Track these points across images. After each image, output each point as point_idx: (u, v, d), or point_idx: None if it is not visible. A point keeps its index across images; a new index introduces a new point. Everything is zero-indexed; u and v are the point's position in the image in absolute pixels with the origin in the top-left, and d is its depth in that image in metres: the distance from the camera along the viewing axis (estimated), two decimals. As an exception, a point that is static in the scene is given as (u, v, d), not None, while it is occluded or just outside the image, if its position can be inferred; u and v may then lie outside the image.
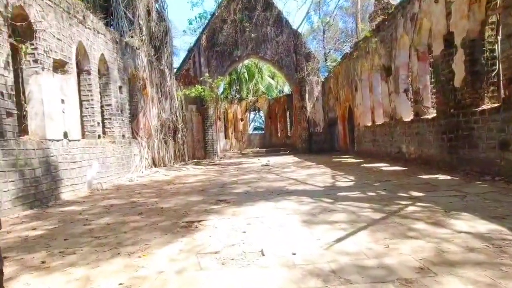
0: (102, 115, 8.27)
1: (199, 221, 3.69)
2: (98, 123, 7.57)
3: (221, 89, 26.87)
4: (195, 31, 19.85)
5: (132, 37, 11.09)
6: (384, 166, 8.13)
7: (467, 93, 5.72)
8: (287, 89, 30.94)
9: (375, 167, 8.08)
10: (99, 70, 8.25)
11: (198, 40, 17.67)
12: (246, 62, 26.30)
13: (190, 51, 17.81)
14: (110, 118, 8.43)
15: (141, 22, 11.70)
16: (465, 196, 4.08)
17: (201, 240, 3.00)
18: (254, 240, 2.88)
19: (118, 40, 9.12)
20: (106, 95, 8.38)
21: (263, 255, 2.51)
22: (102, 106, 8.34)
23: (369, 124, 11.15)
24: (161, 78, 13.09)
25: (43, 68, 5.50)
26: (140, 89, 10.64)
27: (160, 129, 12.49)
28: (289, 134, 23.01)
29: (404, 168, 7.37)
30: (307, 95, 17.71)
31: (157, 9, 13.96)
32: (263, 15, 17.77)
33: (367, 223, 3.17)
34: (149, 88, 11.38)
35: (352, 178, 6.46)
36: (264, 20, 17.77)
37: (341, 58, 13.91)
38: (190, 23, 19.58)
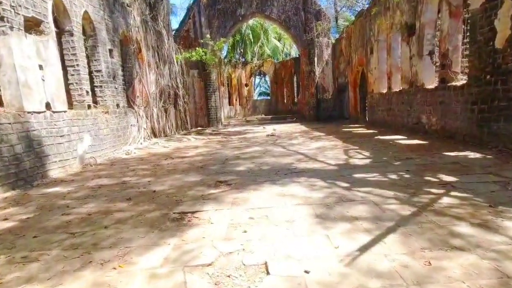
0: (92, 83, 7.55)
1: (192, 213, 3.15)
2: (87, 91, 6.87)
3: (224, 52, 25.48)
4: (194, -13, 18.12)
5: (122, -8, 9.93)
6: (401, 139, 7.43)
7: (510, 56, 4.83)
8: (294, 52, 29.31)
9: (391, 140, 7.39)
10: (84, 31, 7.38)
11: (198, -3, 16.15)
12: (250, 22, 24.63)
13: (189, 9, 16.40)
14: (101, 86, 7.71)
15: (132, -25, 10.43)
16: (509, 183, 3.44)
17: (193, 242, 2.47)
18: (256, 246, 2.33)
19: (104, -5, 8.07)
20: (95, 60, 7.58)
21: (268, 273, 1.96)
22: (91, 73, 7.59)
23: (385, 91, 10.24)
24: (158, 40, 12.06)
25: (11, 28, 4.71)
26: (134, 53, 9.74)
27: (159, 96, 11.75)
28: (295, 101, 22.06)
29: (424, 142, 6.66)
30: (316, 59, 16.51)
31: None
32: (269, -33, 16.00)
33: (396, 222, 2.58)
34: (144, 51, 10.45)
35: (367, 154, 5.81)
36: (270, -28, 16.04)
37: (355, 16, 12.57)
38: (189, -22, 17.82)
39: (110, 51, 8.16)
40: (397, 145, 6.56)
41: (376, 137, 8.12)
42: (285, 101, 22.83)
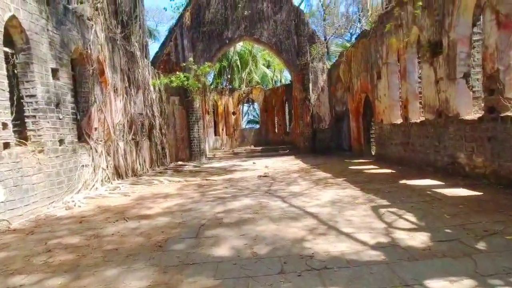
0: (21, 112, 5.53)
1: None
2: (5, 124, 4.82)
3: (210, 78, 24.04)
4: (178, 9, 16.89)
5: (81, 3, 8.23)
6: (438, 187, 5.59)
7: None
8: (284, 79, 28.26)
9: (426, 188, 5.54)
10: (13, 42, 5.47)
11: (181, 17, 14.78)
12: (238, 48, 23.53)
13: (171, 31, 14.95)
14: (35, 116, 5.67)
15: (97, -15, 8.81)
16: None
17: None
18: None
19: (49, 0, 6.28)
20: (27, 82, 5.60)
21: None
22: (20, 98, 5.59)
23: (399, 121, 8.60)
24: (129, 62, 10.28)
25: None
26: (93, 75, 7.84)
27: (129, 127, 9.75)
28: (288, 130, 20.42)
29: (478, 193, 4.83)
30: (310, 85, 15.08)
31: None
32: (259, -11, 14.92)
33: None
34: (109, 74, 8.58)
35: (412, 218, 3.88)
36: (259, -6, 14.94)
37: (356, 38, 11.26)
38: (172, -1, 16.60)
39: (54, 71, 6.23)
40: (442, 200, 4.68)
41: (400, 182, 6.27)
42: (276, 130, 21.17)
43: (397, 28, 8.02)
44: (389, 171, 7.85)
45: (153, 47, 28.37)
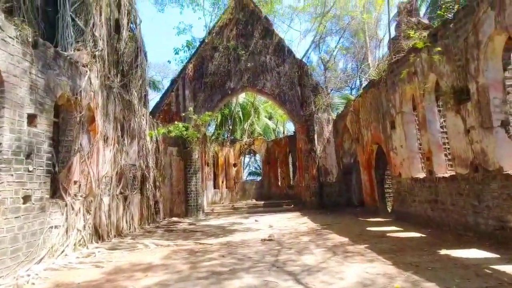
0: (-22, 163, 4.61)
1: None
2: None
3: (211, 129, 23.69)
4: (182, 62, 17.09)
5: (78, 50, 7.87)
6: (495, 261, 4.37)
7: None
8: (287, 131, 28.00)
9: (480, 263, 4.31)
10: (-16, 85, 4.79)
11: (184, 69, 14.75)
12: (241, 100, 23.61)
13: (173, 82, 14.80)
14: (-4, 168, 4.74)
15: (96, 34, 8.59)
16: None
17: None
18: None
19: (37, 43, 5.79)
20: (-7, 128, 4.78)
21: None
22: (-19, 147, 4.71)
23: (421, 175, 7.60)
24: (125, 111, 9.69)
25: None
26: (80, 123, 7.10)
27: (117, 180, 8.75)
28: (292, 183, 19.30)
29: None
30: (316, 136, 14.40)
31: (129, 27, 11.08)
32: (262, 43, 15.16)
33: None
34: (99, 122, 7.87)
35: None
36: (262, 48, 15.12)
37: (364, 88, 10.83)
38: (176, 53, 16.97)
39: (31, 117, 5.46)
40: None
41: (440, 252, 5.03)
42: (279, 183, 20.03)
43: (411, 76, 7.48)
44: (417, 235, 6.61)
45: (156, 99, 28.70)
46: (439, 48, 6.18)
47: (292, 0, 27.82)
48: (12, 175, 4.91)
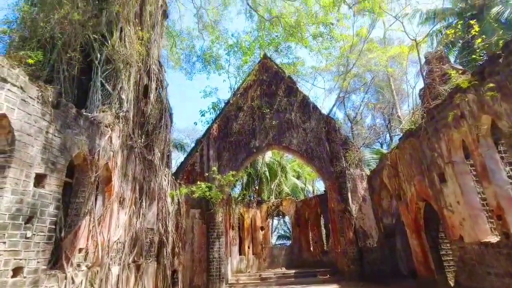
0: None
1: None
2: None
3: (236, 190, 22.92)
4: (207, 123, 17.33)
5: (104, 111, 7.93)
6: None
7: None
8: (317, 190, 26.61)
9: None
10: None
11: (209, 130, 14.78)
12: (267, 159, 23.17)
13: (197, 142, 14.73)
14: (-11, 235, 4.20)
15: (123, 96, 8.78)
16: None
17: None
18: None
19: (59, 104, 5.76)
20: (-7, 189, 4.40)
21: None
22: (-23, 210, 4.27)
23: (493, 239, 6.10)
24: (146, 171, 9.36)
25: None
26: (96, 183, 6.71)
27: (131, 246, 7.95)
28: (326, 249, 17.31)
29: None
30: (349, 194, 13.12)
31: (157, 91, 11.48)
32: (286, 101, 15.14)
33: None
34: (116, 183, 7.46)
35: None
36: (287, 105, 15.04)
37: (400, 139, 9.89)
38: (203, 115, 17.30)
39: (40, 177, 5.11)
40: None
41: None
42: (311, 248, 18.06)
43: (458, 120, 6.57)
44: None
45: (181, 160, 29.04)
46: (491, 84, 5.37)
47: (315, 60, 29.06)
48: (4, 242, 4.33)
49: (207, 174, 12.84)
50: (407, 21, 11.66)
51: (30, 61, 7.78)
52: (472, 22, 8.42)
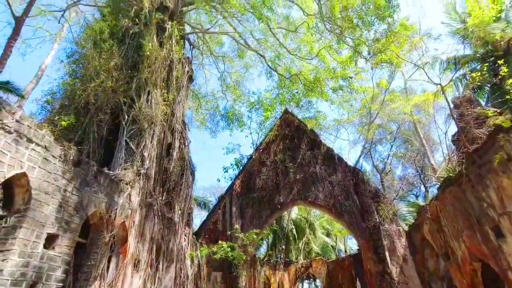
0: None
1: None
2: None
3: (262, 251, 21.47)
4: (230, 179, 17.10)
5: (126, 169, 7.96)
6: None
7: None
8: (349, 250, 24.43)
9: None
10: (13, 202, 4.50)
11: (231, 186, 14.46)
12: (293, 216, 22.04)
13: (220, 199, 14.34)
14: (-13, 304, 3.86)
15: (145, 154, 8.88)
16: None
17: None
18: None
19: (80, 162, 5.80)
20: (0, 251, 4.18)
21: None
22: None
23: None
24: (165, 229, 8.97)
25: None
26: (111, 244, 6.37)
27: (145, 317, 7.19)
28: (366, 320, 14.98)
29: None
30: (387, 254, 11.70)
31: (180, 149, 11.66)
32: (310, 154, 14.78)
33: None
34: (132, 243, 7.09)
35: None
36: (311, 158, 14.63)
37: (439, 188, 8.95)
38: (226, 171, 17.17)
39: (51, 238, 4.90)
40: None
41: None
42: (349, 319, 15.76)
43: (505, 163, 5.82)
44: None
45: (203, 217, 28.32)
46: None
47: (336, 113, 29.21)
48: (3, 312, 3.95)
49: (229, 233, 12.14)
50: (428, 69, 11.63)
51: (63, 123, 8.23)
52: (500, 62, 8.11)
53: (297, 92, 19.49)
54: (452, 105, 10.37)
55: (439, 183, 9.41)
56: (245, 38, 18.60)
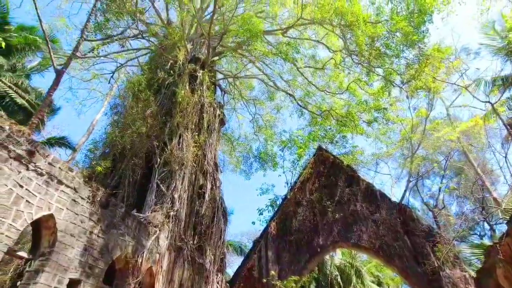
0: None
1: None
2: None
3: (305, 302, 19.44)
4: (265, 222, 16.36)
5: (155, 211, 7.88)
6: None
7: None
8: (405, 300, 21.36)
9: None
10: (39, 245, 4.48)
11: (266, 229, 13.75)
12: (337, 261, 20.18)
13: (255, 243, 13.61)
14: None
15: (175, 196, 8.81)
16: None
17: None
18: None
19: (108, 204, 5.81)
20: (20, 298, 4.05)
21: None
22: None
23: None
24: (196, 276, 8.47)
25: None
26: (136, 290, 6.04)
27: None
28: None
29: None
30: (453, 306, 9.87)
31: (213, 190, 11.52)
32: (348, 191, 13.83)
33: None
34: (160, 290, 6.68)
35: None
36: (350, 196, 13.65)
37: (508, 222, 7.58)
38: (261, 213, 16.51)
39: (73, 283, 4.72)
40: None
41: None
42: None
43: None
44: None
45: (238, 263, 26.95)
46: None
47: (373, 147, 27.74)
48: None
49: (265, 280, 11.19)
50: (472, 90, 10.70)
51: (99, 168, 8.56)
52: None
53: (329, 128, 19.00)
54: (509, 127, 9.26)
55: (507, 217, 8.02)
56: (274, 79, 19.10)
